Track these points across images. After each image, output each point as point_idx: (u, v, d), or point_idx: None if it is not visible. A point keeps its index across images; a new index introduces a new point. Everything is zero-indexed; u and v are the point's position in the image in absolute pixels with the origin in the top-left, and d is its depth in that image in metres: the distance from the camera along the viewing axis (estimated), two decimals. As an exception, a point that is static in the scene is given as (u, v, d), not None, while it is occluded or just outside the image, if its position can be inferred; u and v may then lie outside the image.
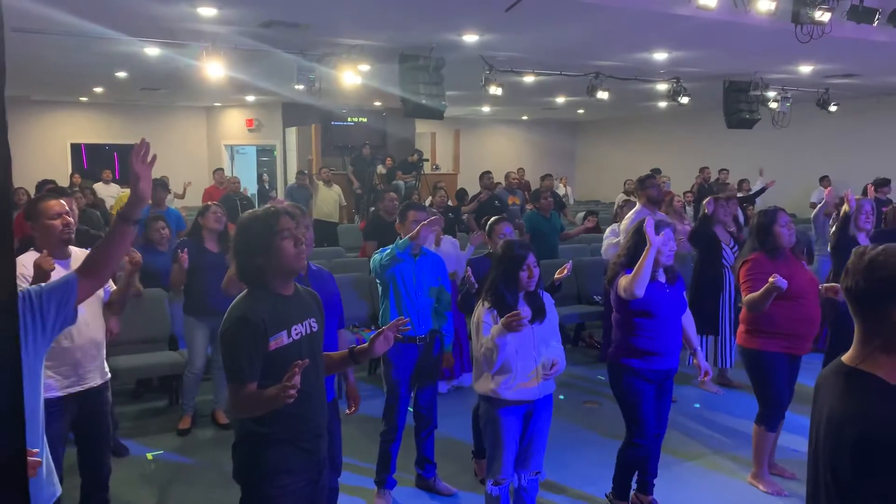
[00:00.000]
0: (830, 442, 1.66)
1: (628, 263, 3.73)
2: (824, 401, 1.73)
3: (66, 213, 3.34)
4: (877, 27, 7.06)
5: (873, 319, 1.67)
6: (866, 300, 1.68)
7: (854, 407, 1.63)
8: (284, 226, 2.48)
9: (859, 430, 1.58)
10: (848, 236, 5.36)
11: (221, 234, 5.29)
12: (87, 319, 3.39)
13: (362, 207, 13.36)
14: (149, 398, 6.04)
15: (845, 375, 1.70)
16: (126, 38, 7.95)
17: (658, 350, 3.74)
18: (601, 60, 9.62)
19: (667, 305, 3.73)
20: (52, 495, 2.29)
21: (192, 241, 5.27)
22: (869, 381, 1.65)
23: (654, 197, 5.95)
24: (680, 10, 6.60)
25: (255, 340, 2.38)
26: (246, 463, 2.52)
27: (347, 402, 3.62)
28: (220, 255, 5.20)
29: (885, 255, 1.66)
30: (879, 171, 10.84)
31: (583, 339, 7.96)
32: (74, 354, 3.35)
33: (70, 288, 2.14)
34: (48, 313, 2.08)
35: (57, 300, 2.10)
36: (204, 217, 5.28)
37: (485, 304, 3.42)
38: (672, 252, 3.73)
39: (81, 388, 3.39)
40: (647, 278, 3.57)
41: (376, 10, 6.88)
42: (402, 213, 4.31)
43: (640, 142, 19.22)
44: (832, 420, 1.66)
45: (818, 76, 10.99)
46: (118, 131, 16.65)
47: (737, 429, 5.32)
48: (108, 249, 2.26)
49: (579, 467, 4.67)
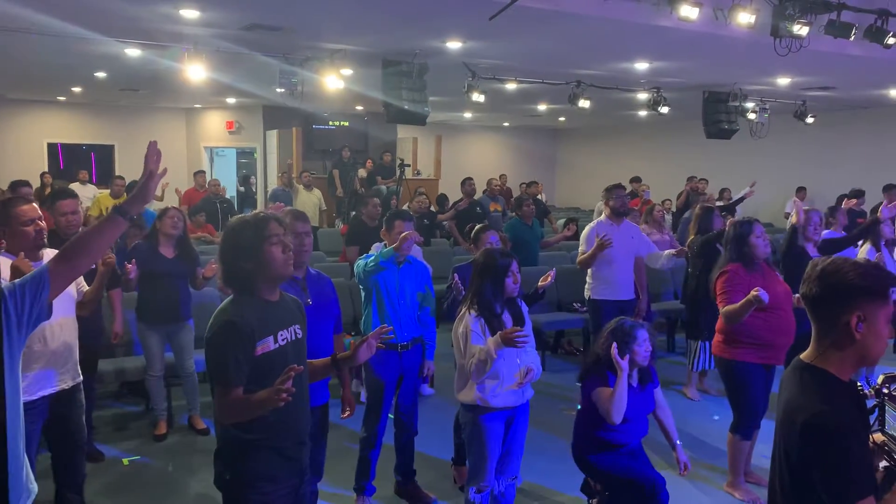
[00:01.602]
0: (785, 428, 1.87)
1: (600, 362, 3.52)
2: (783, 393, 1.96)
3: (39, 218, 3.31)
4: (853, 42, 7.18)
5: (826, 321, 1.89)
6: (819, 304, 1.90)
7: (805, 397, 1.84)
8: (273, 231, 2.47)
9: (806, 417, 1.78)
10: (797, 246, 5.45)
11: (179, 240, 5.14)
12: (60, 322, 3.36)
13: (343, 212, 13.31)
14: (126, 403, 5.97)
15: (801, 370, 1.92)
16: (107, 40, 7.88)
17: (623, 441, 3.59)
18: (583, 69, 9.69)
19: (633, 409, 3.49)
20: (31, 493, 2.27)
21: (146, 246, 5.11)
22: (821, 375, 1.87)
23: (617, 209, 5.97)
24: (662, 22, 6.67)
25: (242, 345, 2.38)
26: (228, 469, 2.51)
27: (342, 406, 3.63)
28: (175, 261, 5.08)
29: (833, 266, 1.88)
30: (854, 182, 11.04)
31: (562, 346, 8.00)
32: (46, 357, 3.32)
33: (42, 280, 2.10)
34: (23, 308, 2.06)
35: (31, 294, 2.07)
36: (161, 221, 5.11)
37: (471, 313, 3.43)
38: (648, 353, 3.51)
39: (52, 390, 3.36)
40: (625, 405, 3.38)
41: (359, 14, 6.87)
42: (389, 221, 4.28)
43: (620, 150, 19.36)
44: (787, 409, 1.88)
45: (796, 88, 11.15)
46: (96, 132, 16.47)
47: (713, 438, 5.36)
48: (94, 238, 2.21)
49: (556, 473, 4.68)
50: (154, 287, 5.03)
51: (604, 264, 5.74)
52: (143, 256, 4.93)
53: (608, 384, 3.44)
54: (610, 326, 3.57)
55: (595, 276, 5.90)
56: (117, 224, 2.22)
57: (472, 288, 3.51)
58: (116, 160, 16.55)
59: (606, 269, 5.78)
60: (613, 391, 3.37)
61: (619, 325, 3.54)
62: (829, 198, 10.06)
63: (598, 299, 5.89)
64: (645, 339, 3.50)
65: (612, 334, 3.52)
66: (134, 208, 2.23)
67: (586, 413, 3.61)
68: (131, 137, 15.97)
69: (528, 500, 4.32)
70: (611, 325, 3.57)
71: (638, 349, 3.48)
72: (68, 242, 2.24)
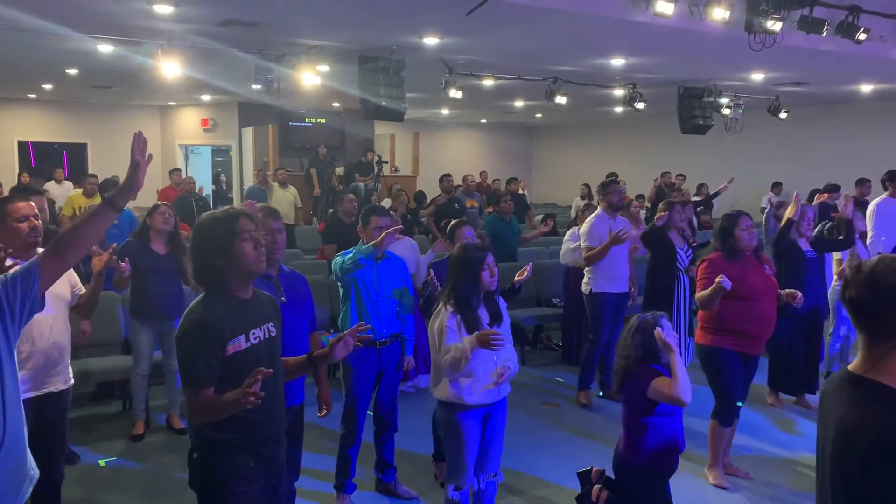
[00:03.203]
0: (840, 448, 1.69)
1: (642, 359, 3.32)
2: (832, 408, 1.77)
3: (34, 215, 3.23)
4: (825, 37, 7.28)
5: (877, 329, 1.70)
6: (870, 310, 1.71)
7: (864, 415, 1.66)
8: (244, 227, 2.43)
9: (870, 439, 1.61)
10: (790, 241, 5.53)
11: (170, 236, 5.12)
12: (51, 323, 3.30)
13: (320, 209, 13.25)
14: (101, 404, 5.89)
15: (852, 384, 1.73)
16: (78, 35, 7.76)
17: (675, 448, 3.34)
18: (560, 65, 9.72)
19: None
20: (32, 479, 2.29)
21: (137, 243, 5.09)
22: (876, 388, 1.68)
23: (615, 203, 6.04)
24: (638, 17, 6.71)
25: (212, 344, 2.33)
26: (202, 470, 2.47)
27: (319, 405, 3.60)
28: (167, 257, 5.06)
29: (884, 267, 1.69)
30: (827, 176, 11.18)
31: (541, 340, 8.02)
32: (36, 358, 3.25)
33: (32, 272, 2.11)
34: (15, 299, 2.08)
35: (22, 286, 2.08)
36: (151, 217, 5.10)
37: (447, 309, 3.41)
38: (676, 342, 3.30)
39: (41, 392, 3.29)
40: (688, 381, 3.18)
41: (336, 10, 6.83)
42: (365, 217, 4.24)
43: (596, 146, 19.47)
44: (842, 427, 1.69)
45: (769, 83, 11.28)
46: (68, 130, 16.25)
47: (693, 428, 5.39)
48: (84, 230, 2.19)
49: (537, 468, 4.70)
50: (147, 283, 4.98)
51: (605, 258, 5.81)
52: (134, 253, 4.87)
53: (660, 374, 3.25)
54: (633, 325, 3.38)
55: (595, 270, 5.93)
56: (107, 215, 2.20)
57: (449, 283, 3.49)
58: (89, 158, 16.34)
59: (607, 263, 5.85)
60: (673, 372, 3.16)
61: (643, 319, 3.36)
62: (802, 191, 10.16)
63: (599, 292, 5.92)
64: (670, 328, 3.34)
65: (638, 332, 3.33)
66: (123, 199, 2.21)
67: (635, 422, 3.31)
68: (104, 135, 15.80)
69: (509, 493, 4.33)
70: (633, 323, 3.39)
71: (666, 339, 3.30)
72: (58, 235, 2.23)
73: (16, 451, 2.16)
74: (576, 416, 5.76)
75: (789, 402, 5.97)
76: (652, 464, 3.26)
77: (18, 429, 2.16)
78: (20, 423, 2.17)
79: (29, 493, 2.28)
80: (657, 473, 3.29)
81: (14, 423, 2.12)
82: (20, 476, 2.21)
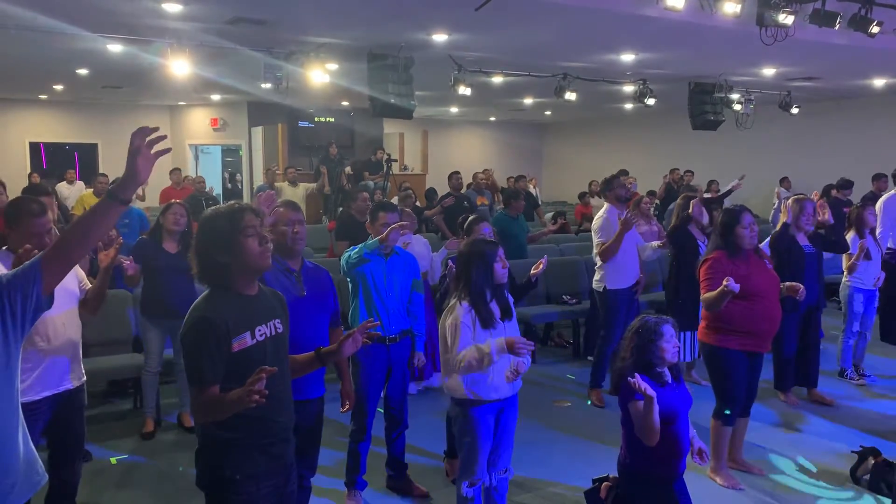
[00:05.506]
0: None
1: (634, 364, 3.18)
2: None
3: (49, 230, 3.25)
4: (838, 31, 7.20)
5: None
6: None
7: None
8: (249, 223, 2.39)
9: None
10: (788, 237, 5.50)
11: (183, 235, 5.14)
12: (64, 320, 3.30)
13: (330, 208, 13.24)
14: (113, 402, 5.91)
15: None
16: (88, 35, 7.78)
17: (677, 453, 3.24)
18: (569, 62, 9.68)
19: (676, 406, 3.21)
20: (38, 483, 2.26)
21: (150, 241, 5.17)
22: None
23: (622, 196, 6.01)
24: (647, 12, 6.67)
25: (217, 342, 2.30)
26: (209, 469, 2.44)
27: (342, 400, 3.61)
28: (179, 256, 5.05)
29: None
30: (839, 171, 11.07)
31: (552, 338, 7.99)
32: (50, 356, 3.25)
33: (32, 270, 2.01)
34: (15, 298, 2.00)
35: (22, 285, 2.00)
36: (164, 217, 5.16)
37: (462, 304, 3.38)
38: (676, 349, 3.22)
39: (56, 391, 3.29)
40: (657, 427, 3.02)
41: (344, 7, 6.82)
42: (373, 213, 4.24)
43: (606, 143, 19.38)
44: None
45: (781, 78, 11.19)
46: (79, 130, 16.31)
47: (700, 425, 5.35)
48: (89, 225, 2.07)
49: (549, 465, 4.68)
50: (157, 282, 5.04)
51: (619, 252, 5.73)
52: (146, 252, 5.00)
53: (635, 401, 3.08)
54: (634, 326, 3.29)
55: (609, 266, 5.85)
56: (110, 208, 2.07)
57: (463, 277, 3.46)
58: (100, 159, 16.40)
59: (620, 257, 5.76)
60: (644, 416, 3.01)
61: (644, 322, 3.26)
62: (814, 188, 10.09)
63: (613, 289, 5.84)
64: (672, 335, 3.22)
65: (637, 334, 3.23)
66: (127, 192, 2.08)
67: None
68: (115, 136, 15.83)
69: (521, 491, 4.30)
70: (635, 324, 3.30)
71: (666, 346, 3.20)
72: (64, 231, 2.15)
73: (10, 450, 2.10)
74: (587, 414, 5.73)
75: (804, 398, 5.92)
76: (652, 468, 3.19)
77: (9, 434, 2.09)
78: (12, 430, 2.10)
79: (27, 499, 2.23)
80: (658, 478, 3.21)
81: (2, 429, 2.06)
82: (5, 484, 2.11)
